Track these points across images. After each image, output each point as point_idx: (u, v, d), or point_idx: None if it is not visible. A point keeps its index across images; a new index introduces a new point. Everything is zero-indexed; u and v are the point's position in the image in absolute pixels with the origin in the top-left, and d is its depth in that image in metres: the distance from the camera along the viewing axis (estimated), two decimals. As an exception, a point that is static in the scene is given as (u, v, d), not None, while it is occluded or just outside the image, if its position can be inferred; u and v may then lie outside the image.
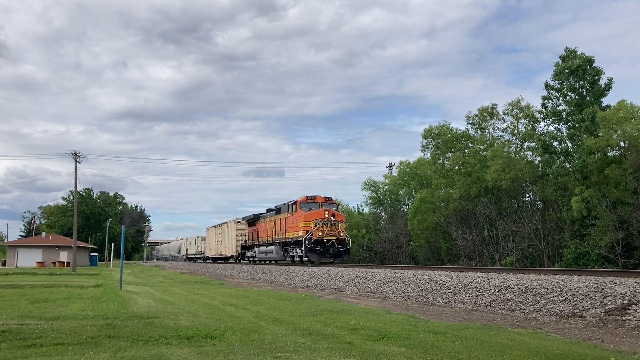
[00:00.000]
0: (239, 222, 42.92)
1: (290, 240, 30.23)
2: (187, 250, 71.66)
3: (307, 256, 27.36)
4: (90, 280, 26.30)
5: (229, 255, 45.51)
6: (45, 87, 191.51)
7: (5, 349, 6.94)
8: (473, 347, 6.96)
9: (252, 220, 39.74)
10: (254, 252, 38.53)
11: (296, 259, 29.88)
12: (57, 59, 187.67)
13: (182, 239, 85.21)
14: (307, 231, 27.43)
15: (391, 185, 56.03)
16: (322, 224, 27.51)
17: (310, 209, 28.90)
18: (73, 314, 10.90)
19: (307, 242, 27.12)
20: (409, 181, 52.82)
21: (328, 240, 27.36)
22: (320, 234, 27.23)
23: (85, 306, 12.68)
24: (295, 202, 30.20)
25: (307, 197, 29.95)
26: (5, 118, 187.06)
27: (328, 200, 30.47)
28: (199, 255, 61.95)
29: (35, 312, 11.19)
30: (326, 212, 28.12)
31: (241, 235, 42.21)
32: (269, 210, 37.35)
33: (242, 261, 42.37)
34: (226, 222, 47.30)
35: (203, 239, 60.76)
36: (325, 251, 27.12)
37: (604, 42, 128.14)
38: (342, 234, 28.06)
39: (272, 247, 33.63)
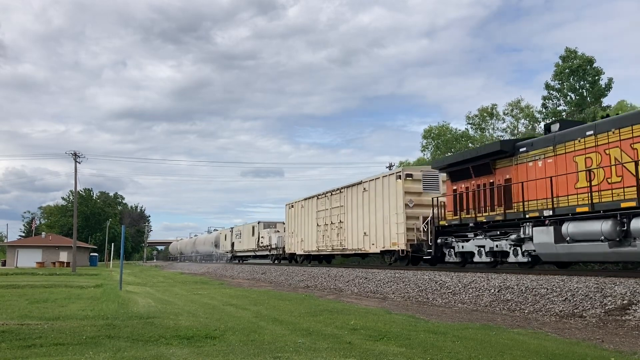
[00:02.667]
0: (408, 176, 20.58)
1: None
2: (233, 244, 48.09)
3: None
4: (90, 280, 26.30)
5: (378, 251, 22.38)
6: (44, 86, 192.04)
7: (5, 349, 6.94)
8: (473, 347, 6.96)
9: (475, 164, 16.83)
10: (519, 236, 14.94)
11: None
12: (56, 58, 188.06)
13: (218, 229, 62.49)
14: None
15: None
16: None
17: None
18: (73, 314, 10.90)
19: None
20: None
21: None
22: None
23: (85, 306, 12.67)
24: None
25: None
26: (4, 118, 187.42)
27: None
28: (268, 252, 38.50)
29: (35, 312, 11.19)
30: None
31: (418, 205, 20.12)
32: (552, 127, 14.96)
33: (423, 263, 20.44)
34: (361, 182, 23.75)
35: (270, 225, 39.58)
36: None
37: (605, 41, 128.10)
38: None
39: None
